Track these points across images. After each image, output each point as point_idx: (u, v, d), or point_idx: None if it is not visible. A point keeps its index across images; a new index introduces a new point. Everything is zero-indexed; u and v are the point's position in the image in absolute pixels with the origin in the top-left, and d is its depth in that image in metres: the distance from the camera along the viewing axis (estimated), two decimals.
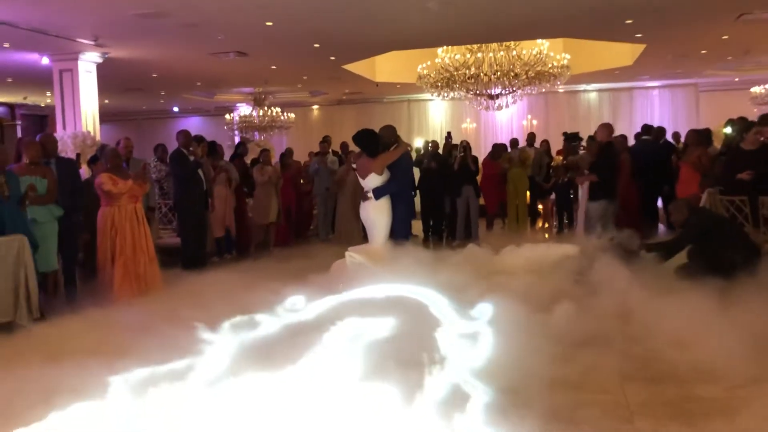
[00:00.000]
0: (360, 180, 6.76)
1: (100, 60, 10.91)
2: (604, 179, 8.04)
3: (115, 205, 6.65)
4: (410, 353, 3.96)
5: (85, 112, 10.70)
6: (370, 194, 6.48)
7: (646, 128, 9.95)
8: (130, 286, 6.57)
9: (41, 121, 18.74)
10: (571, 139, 10.51)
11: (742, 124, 7.26)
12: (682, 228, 6.18)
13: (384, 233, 6.52)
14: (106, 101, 15.92)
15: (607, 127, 8.27)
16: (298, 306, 5.09)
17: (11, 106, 17.55)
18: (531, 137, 12.14)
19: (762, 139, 6.60)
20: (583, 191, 9.85)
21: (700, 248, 5.97)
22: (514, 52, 11.52)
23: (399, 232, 6.56)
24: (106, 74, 11.40)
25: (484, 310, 5.28)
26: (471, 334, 4.73)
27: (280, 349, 3.98)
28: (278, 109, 16.55)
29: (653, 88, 17.82)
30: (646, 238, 7.53)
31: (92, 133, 10.60)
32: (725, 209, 6.77)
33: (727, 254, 5.67)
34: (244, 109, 17.46)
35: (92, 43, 10.16)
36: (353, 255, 6.28)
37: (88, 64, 10.79)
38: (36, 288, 5.81)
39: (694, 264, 6.00)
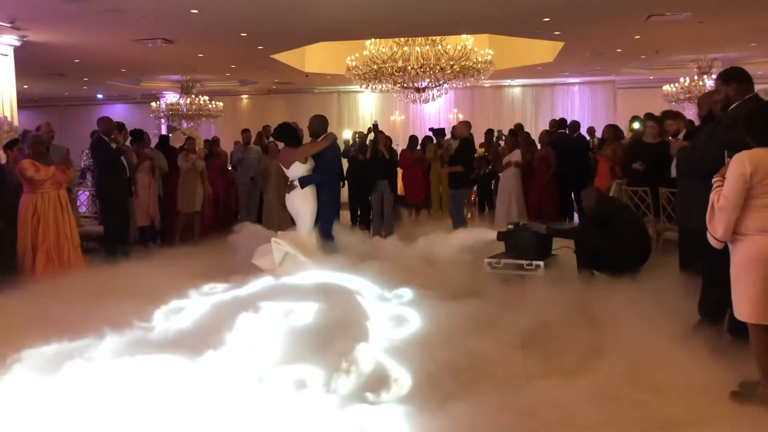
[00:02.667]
0: (284, 170, 6.88)
1: (17, 43, 10.55)
2: (466, 170, 8.99)
3: (38, 191, 6.56)
4: (332, 337, 4.13)
5: (0, 96, 10.35)
6: (296, 183, 6.62)
7: (561, 122, 10.43)
8: (54, 274, 6.44)
9: None
10: (437, 133, 11.39)
11: (647, 119, 7.71)
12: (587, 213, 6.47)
13: (309, 222, 6.65)
14: (25, 86, 15.37)
15: (466, 124, 9.21)
16: (216, 290, 5.18)
17: None
18: (454, 130, 12.44)
19: (669, 132, 6.96)
20: (505, 182, 10.30)
21: (591, 236, 6.00)
22: (440, 47, 11.79)
23: (325, 220, 6.70)
24: (24, 58, 11.03)
25: (404, 295, 5.53)
26: (391, 317, 4.96)
27: (197, 333, 4.07)
28: (206, 98, 16.37)
29: (574, 84, 18.56)
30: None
31: (9, 119, 10.26)
32: (629, 199, 7.21)
33: (615, 246, 5.77)
34: (171, 97, 17.17)
35: (8, 25, 9.83)
36: (278, 241, 6.37)
37: (4, 47, 10.40)
38: None
39: (582, 253, 6.05)
